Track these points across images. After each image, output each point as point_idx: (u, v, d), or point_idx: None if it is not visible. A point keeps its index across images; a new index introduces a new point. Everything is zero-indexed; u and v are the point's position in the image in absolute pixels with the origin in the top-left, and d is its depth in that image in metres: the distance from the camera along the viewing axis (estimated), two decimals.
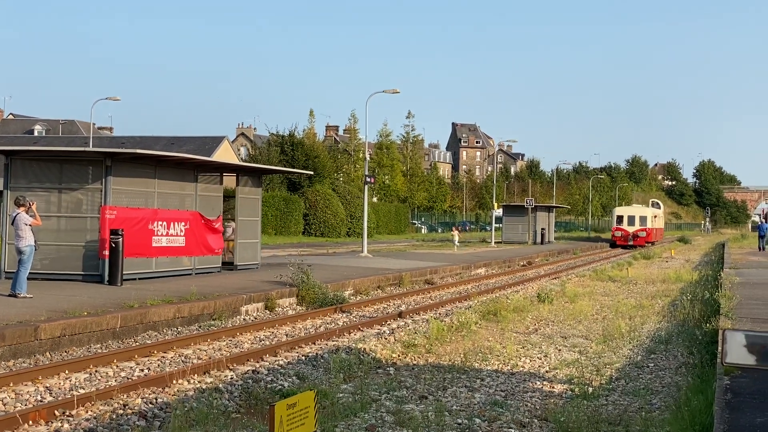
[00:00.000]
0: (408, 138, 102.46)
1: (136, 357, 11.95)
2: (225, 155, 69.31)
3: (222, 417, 8.90)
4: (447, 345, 14.16)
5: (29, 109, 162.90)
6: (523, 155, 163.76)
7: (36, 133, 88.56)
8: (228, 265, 23.22)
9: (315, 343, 13.76)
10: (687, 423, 8.03)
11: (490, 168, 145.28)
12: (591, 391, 10.68)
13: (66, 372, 10.70)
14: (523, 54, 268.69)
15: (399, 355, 13.15)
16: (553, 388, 11.12)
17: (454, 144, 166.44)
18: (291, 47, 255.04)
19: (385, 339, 14.23)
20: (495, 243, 53.51)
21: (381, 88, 40.70)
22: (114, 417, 8.66)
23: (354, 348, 13.08)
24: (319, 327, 15.89)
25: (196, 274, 21.08)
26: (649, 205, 72.00)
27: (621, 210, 64.46)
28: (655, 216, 64.51)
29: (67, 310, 13.62)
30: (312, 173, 48.52)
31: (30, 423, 8.33)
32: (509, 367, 12.46)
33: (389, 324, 16.42)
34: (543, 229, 58.91)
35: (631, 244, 59.12)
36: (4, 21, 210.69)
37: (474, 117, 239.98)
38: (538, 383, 11.40)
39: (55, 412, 8.69)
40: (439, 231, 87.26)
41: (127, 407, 9.05)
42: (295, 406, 5.58)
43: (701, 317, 16.48)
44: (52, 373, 10.54)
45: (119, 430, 8.32)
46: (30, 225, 15.63)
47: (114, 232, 17.61)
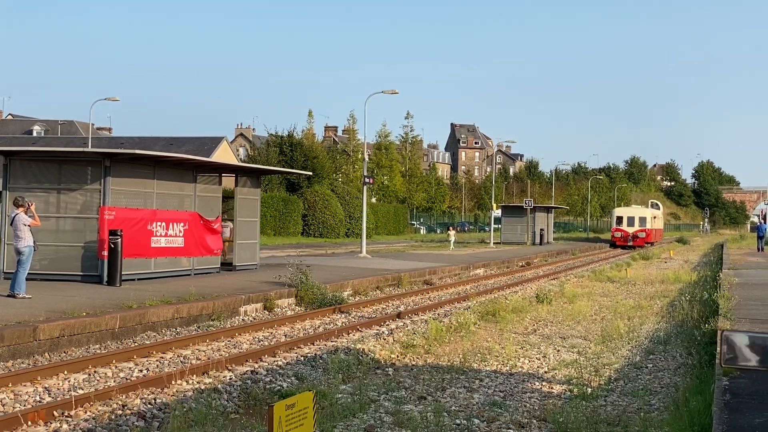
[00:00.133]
0: (407, 138, 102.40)
1: (134, 357, 11.95)
2: (224, 156, 69.36)
3: (221, 417, 8.91)
4: (446, 345, 14.17)
5: (28, 110, 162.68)
6: (522, 156, 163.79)
7: (35, 134, 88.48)
8: (227, 266, 23.22)
9: (314, 344, 13.77)
10: (686, 424, 8.03)
11: (488, 168, 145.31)
12: (590, 392, 10.68)
13: (65, 372, 10.70)
14: (523, 54, 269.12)
15: (398, 356, 13.16)
16: (552, 388, 11.13)
17: (452, 144, 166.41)
18: (290, 48, 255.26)
19: (384, 339, 14.24)
20: (494, 243, 53.53)
21: (380, 88, 40.69)
22: (113, 417, 8.66)
23: (353, 348, 13.08)
24: (318, 327, 15.89)
25: (195, 274, 21.08)
26: (648, 206, 72.07)
27: (620, 211, 64.72)
28: (655, 217, 64.67)
29: (66, 310, 13.62)
30: (311, 174, 48.58)
31: (29, 423, 8.33)
32: (508, 368, 12.47)
33: (388, 324, 16.42)
34: (542, 230, 58.94)
35: (631, 244, 59.33)
36: (2, 21, 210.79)
37: (473, 117, 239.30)
38: (536, 384, 11.41)
39: (54, 412, 8.69)
40: (438, 231, 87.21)
41: (126, 408, 9.06)
42: (294, 406, 5.59)
43: (700, 318, 16.50)
44: (51, 374, 10.54)
45: (118, 430, 8.32)
46: (29, 225, 15.63)
47: (113, 232, 17.62)
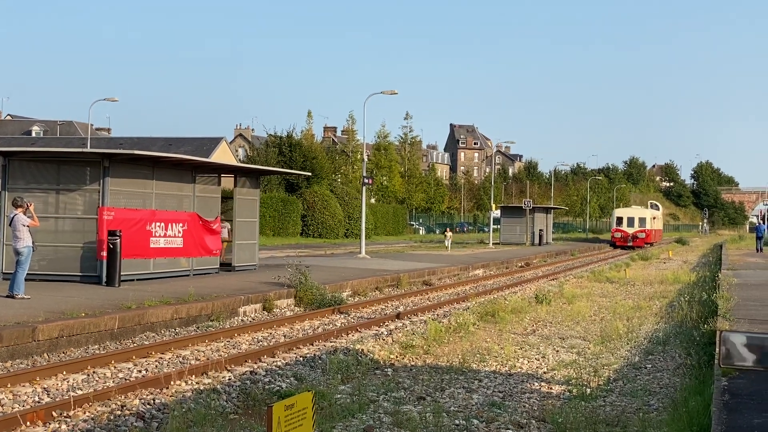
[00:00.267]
0: (406, 139, 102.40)
1: (134, 358, 11.95)
2: (223, 156, 69.39)
3: (220, 418, 8.91)
4: (445, 346, 14.17)
5: (27, 110, 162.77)
6: (521, 156, 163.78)
7: (34, 134, 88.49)
8: (226, 266, 23.22)
9: (313, 344, 13.77)
10: (685, 424, 8.04)
11: (488, 169, 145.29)
12: (589, 392, 10.69)
13: (64, 373, 10.70)
14: (522, 55, 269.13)
15: (397, 356, 13.15)
16: (551, 389, 11.13)
17: (452, 145, 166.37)
18: (289, 48, 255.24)
19: (383, 340, 14.24)
20: (493, 244, 53.53)
21: (379, 89, 40.63)
22: (112, 418, 8.66)
23: (352, 349, 13.08)
24: (317, 328, 15.89)
25: (194, 275, 21.07)
26: (648, 207, 72.16)
27: (620, 211, 64.98)
28: (654, 217, 64.82)
29: (65, 311, 13.62)
30: (310, 174, 48.56)
31: (28, 424, 8.32)
32: (507, 368, 12.47)
33: (387, 325, 16.42)
34: (541, 231, 58.94)
35: (631, 245, 59.52)
36: (1, 21, 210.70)
37: (472, 118, 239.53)
38: (536, 384, 11.41)
39: (53, 413, 8.69)
40: (437, 232, 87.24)
41: (125, 408, 9.05)
42: (293, 407, 5.58)
43: (699, 318, 16.51)
44: (49, 374, 10.54)
45: (117, 431, 8.32)
46: (28, 226, 15.62)
47: (112, 233, 17.61)
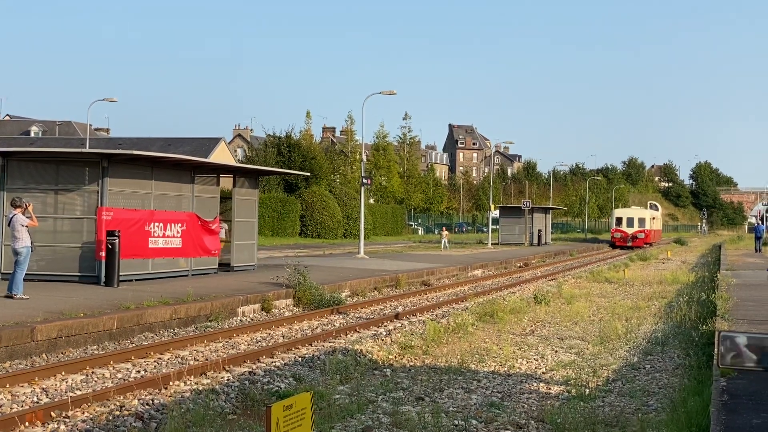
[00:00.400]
0: (405, 139, 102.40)
1: (132, 358, 11.94)
2: (222, 156, 69.41)
3: (218, 418, 8.90)
4: (444, 346, 14.17)
5: (26, 110, 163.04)
6: (520, 157, 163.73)
7: (32, 134, 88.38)
8: (225, 267, 23.21)
9: (312, 345, 13.76)
10: (683, 424, 8.04)
11: (486, 169, 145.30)
12: (587, 393, 10.69)
13: (62, 373, 10.69)
14: (521, 55, 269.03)
15: (396, 357, 13.15)
16: (550, 389, 11.13)
17: (450, 145, 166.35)
18: (288, 49, 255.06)
19: (382, 340, 14.24)
20: (492, 244, 53.55)
21: (378, 89, 40.66)
22: (110, 418, 8.65)
23: (351, 349, 13.07)
24: (316, 328, 15.89)
25: (192, 275, 21.06)
26: (647, 207, 72.29)
27: (620, 212, 65.15)
28: (653, 218, 64.98)
29: (64, 311, 13.61)
30: (309, 175, 48.51)
31: (26, 424, 8.32)
32: (506, 369, 12.47)
33: (386, 325, 16.42)
34: (540, 231, 58.97)
35: (630, 245, 59.65)
36: (0, 21, 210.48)
37: (471, 118, 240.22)
38: (534, 385, 11.41)
39: (52, 413, 8.68)
40: (436, 232, 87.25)
41: (124, 408, 9.05)
42: (292, 407, 5.58)
43: (698, 319, 16.52)
44: (48, 375, 10.53)
45: (116, 431, 8.31)
46: (26, 226, 15.61)
47: (110, 233, 17.60)
